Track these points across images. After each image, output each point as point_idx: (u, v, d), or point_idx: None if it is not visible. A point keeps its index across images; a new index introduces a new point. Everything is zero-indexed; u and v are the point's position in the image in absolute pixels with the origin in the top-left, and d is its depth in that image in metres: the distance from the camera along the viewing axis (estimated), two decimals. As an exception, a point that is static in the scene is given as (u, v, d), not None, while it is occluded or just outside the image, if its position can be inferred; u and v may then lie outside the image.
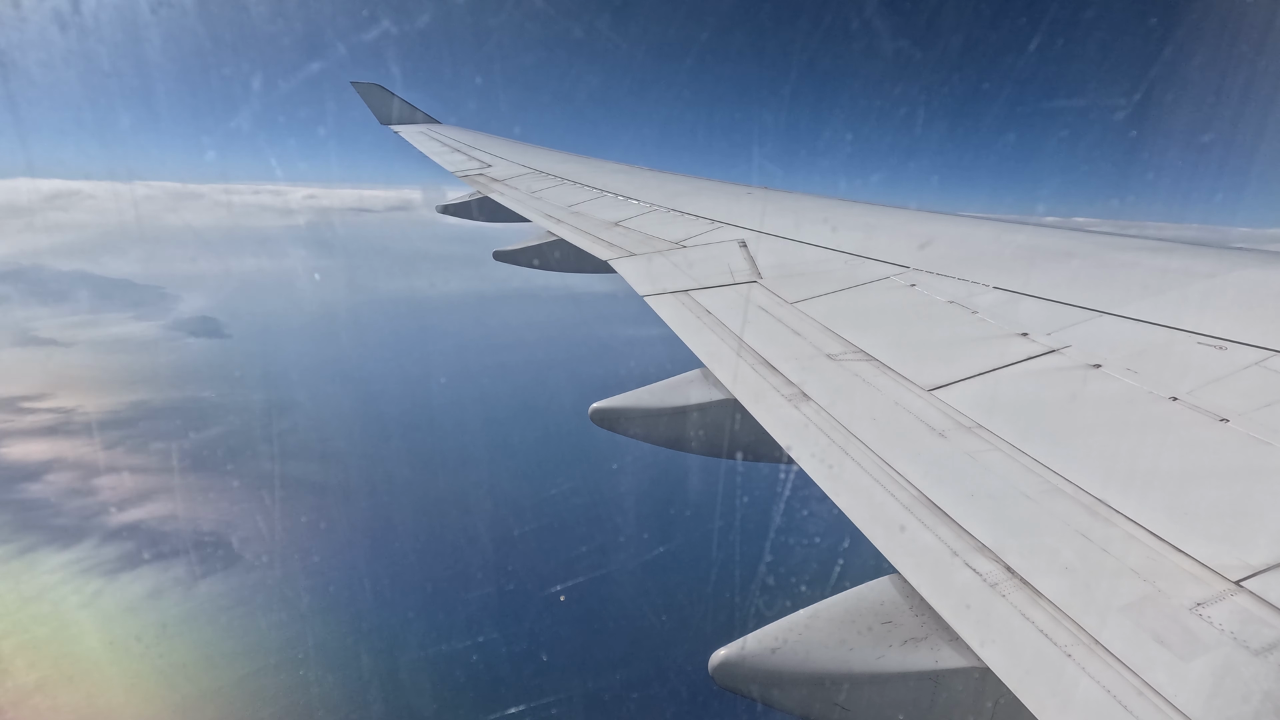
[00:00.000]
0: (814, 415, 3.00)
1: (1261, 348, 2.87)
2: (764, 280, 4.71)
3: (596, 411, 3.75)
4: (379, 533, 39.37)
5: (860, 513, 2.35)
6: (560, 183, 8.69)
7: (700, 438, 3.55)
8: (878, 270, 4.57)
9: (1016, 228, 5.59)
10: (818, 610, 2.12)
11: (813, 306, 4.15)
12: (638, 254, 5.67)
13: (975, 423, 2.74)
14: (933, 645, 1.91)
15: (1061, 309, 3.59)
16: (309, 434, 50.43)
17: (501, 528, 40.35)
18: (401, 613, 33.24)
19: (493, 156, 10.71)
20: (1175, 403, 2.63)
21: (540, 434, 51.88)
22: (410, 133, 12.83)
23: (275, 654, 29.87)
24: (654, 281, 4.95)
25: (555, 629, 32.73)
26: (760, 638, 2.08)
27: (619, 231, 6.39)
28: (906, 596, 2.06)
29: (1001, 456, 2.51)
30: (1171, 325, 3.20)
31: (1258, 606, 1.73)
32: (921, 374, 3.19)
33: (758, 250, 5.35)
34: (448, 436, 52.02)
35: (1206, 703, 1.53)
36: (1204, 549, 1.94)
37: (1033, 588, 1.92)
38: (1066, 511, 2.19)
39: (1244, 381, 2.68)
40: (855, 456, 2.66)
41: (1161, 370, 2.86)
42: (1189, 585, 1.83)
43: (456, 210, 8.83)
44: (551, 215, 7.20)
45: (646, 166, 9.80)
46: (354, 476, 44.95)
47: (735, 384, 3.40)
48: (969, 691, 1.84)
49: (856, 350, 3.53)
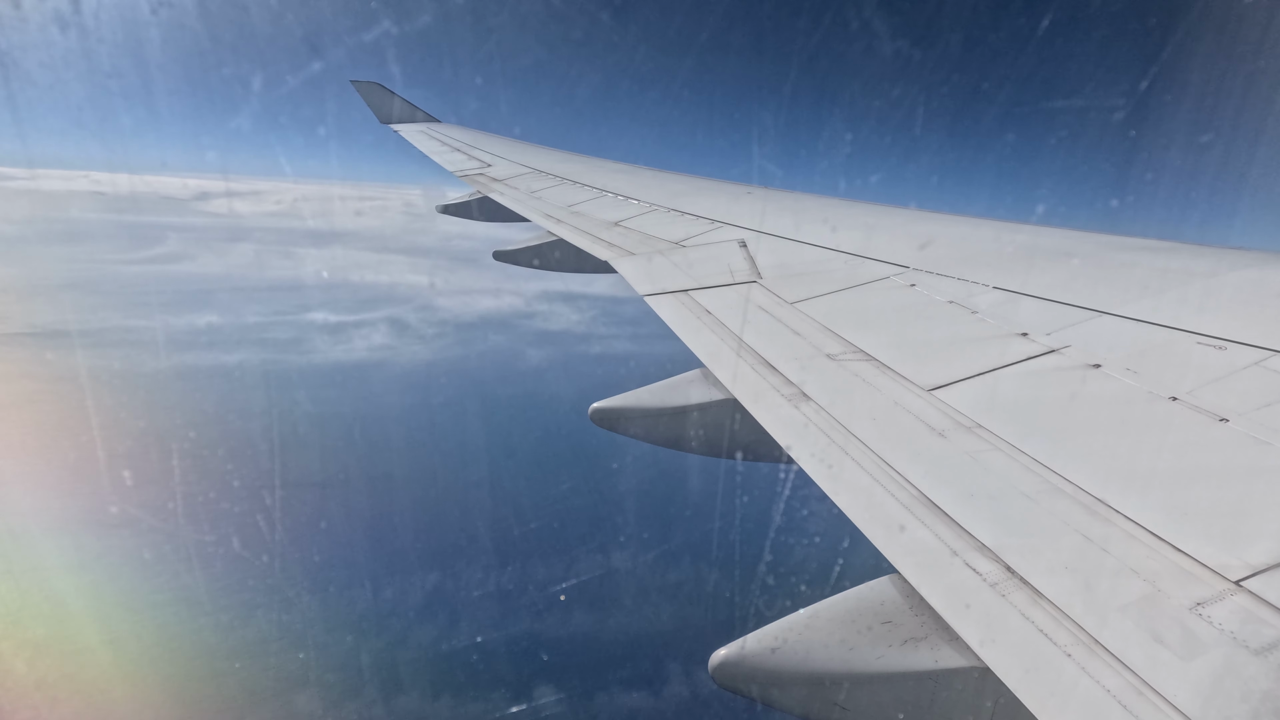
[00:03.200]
0: (814, 415, 3.00)
1: (1261, 348, 2.87)
2: (764, 280, 4.71)
3: (596, 411, 3.75)
4: (378, 532, 39.38)
5: (860, 512, 2.35)
6: (560, 182, 8.69)
7: (700, 438, 3.55)
8: (878, 270, 4.57)
9: (1016, 228, 5.59)
10: (818, 610, 2.12)
11: (813, 306, 4.15)
12: (638, 254, 5.67)
13: (975, 422, 2.74)
14: (933, 645, 1.91)
15: (1061, 309, 3.59)
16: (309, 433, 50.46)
17: (501, 527, 40.37)
18: (400, 612, 33.25)
19: (493, 156, 10.70)
20: (1175, 403, 2.63)
21: (540, 434, 51.91)
22: (410, 132, 12.82)
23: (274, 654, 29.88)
24: (654, 281, 4.95)
25: (555, 628, 32.75)
26: (760, 637, 2.08)
27: (619, 231, 6.38)
28: (906, 596, 2.06)
29: (1001, 456, 2.51)
30: (1171, 325, 3.21)
31: (1258, 606, 1.73)
32: (921, 374, 3.19)
33: (758, 250, 5.35)
34: (447, 436, 52.06)
35: (1206, 702, 1.53)
36: (1204, 549, 1.94)
37: (1032, 587, 1.92)
38: (1066, 511, 2.19)
39: (1244, 381, 2.68)
40: (855, 456, 2.66)
41: (1161, 370, 2.87)
42: (1189, 585, 1.83)
43: (456, 210, 8.82)
44: (551, 215, 7.19)
45: (647, 166, 9.80)
46: (352, 476, 44.95)
47: (735, 384, 3.40)
48: (969, 691, 1.84)
49: (856, 350, 3.53)
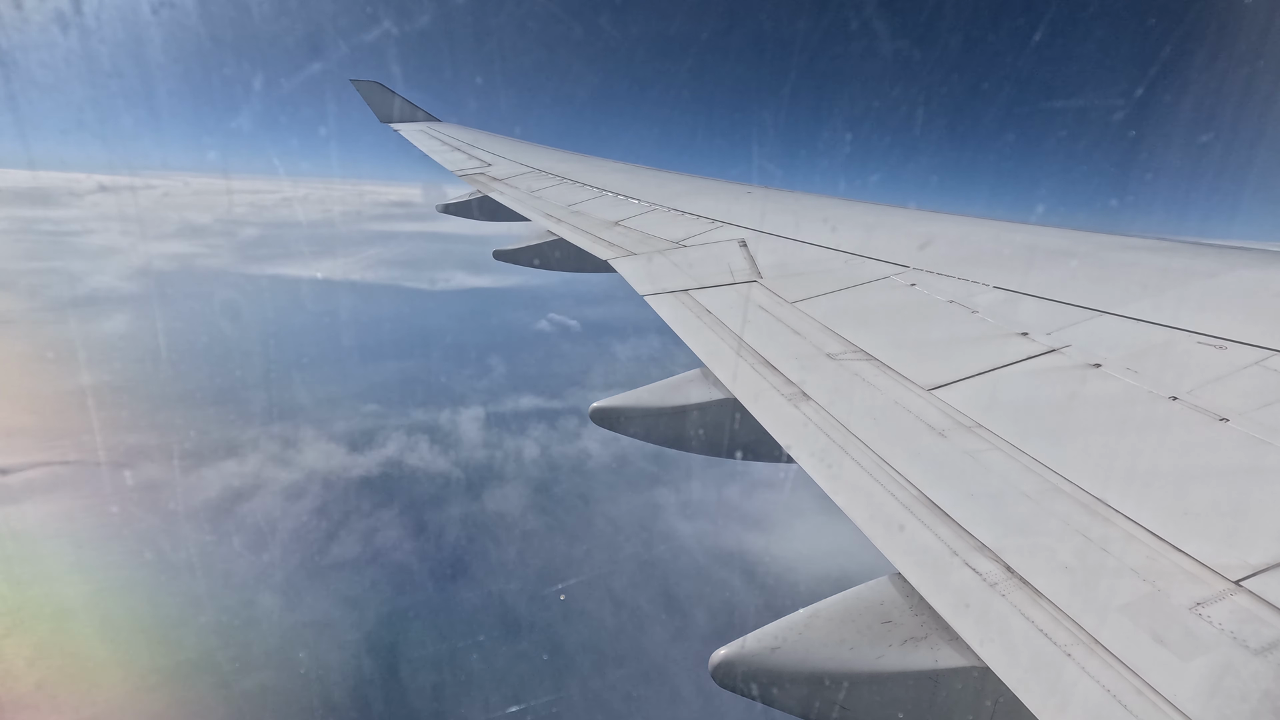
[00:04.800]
0: (814, 414, 3.00)
1: (1261, 347, 2.87)
2: (764, 280, 4.71)
3: (596, 411, 3.75)
4: (376, 531, 39.38)
5: (860, 512, 2.35)
6: (560, 182, 8.68)
7: (700, 437, 3.55)
8: (878, 270, 4.57)
9: (1016, 227, 5.59)
10: (818, 610, 2.12)
11: (813, 306, 4.15)
12: (638, 253, 5.67)
13: (975, 422, 2.74)
14: (932, 645, 1.91)
15: (1061, 308, 3.59)
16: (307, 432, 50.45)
17: (500, 527, 40.39)
18: (399, 612, 33.25)
19: (493, 155, 10.70)
20: (1175, 402, 2.63)
21: (540, 433, 51.91)
22: (410, 131, 12.81)
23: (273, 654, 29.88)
24: (654, 281, 4.95)
25: (554, 628, 32.76)
26: (760, 637, 2.08)
27: (619, 231, 6.38)
28: (906, 596, 2.06)
29: (1001, 456, 2.51)
30: (1171, 325, 3.21)
31: (1257, 606, 1.73)
32: (921, 373, 3.19)
33: (758, 250, 5.35)
34: (446, 435, 52.07)
35: (1206, 702, 1.53)
36: (1204, 548, 1.94)
37: (1032, 587, 1.92)
38: (1066, 511, 2.19)
39: (1244, 381, 2.68)
40: (855, 456, 2.66)
41: (1161, 370, 2.87)
42: (1189, 585, 1.83)
43: (457, 209, 8.81)
44: (551, 214, 7.19)
45: (647, 166, 9.80)
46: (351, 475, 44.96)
47: (735, 383, 3.40)
48: (969, 691, 1.84)
49: (856, 350, 3.53)
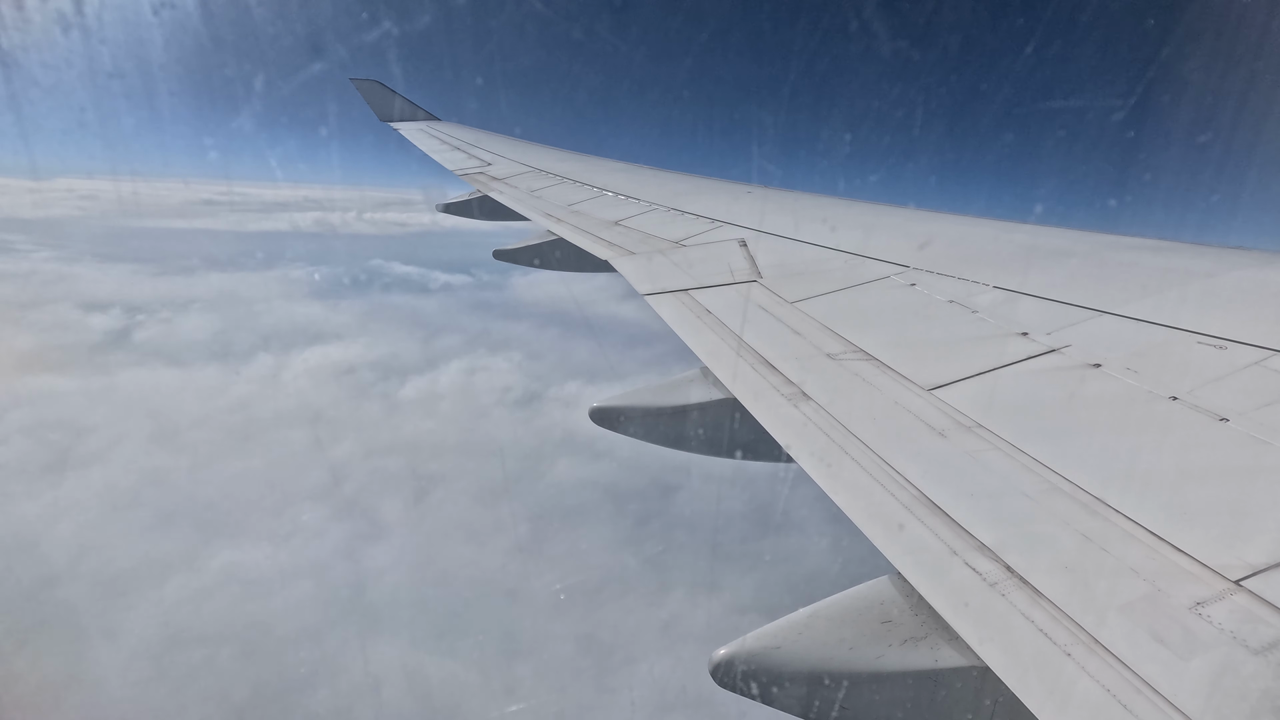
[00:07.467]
0: (813, 414, 3.00)
1: (1261, 347, 2.87)
2: (764, 279, 4.71)
3: (596, 411, 3.75)
4: (376, 530, 39.38)
5: (859, 512, 2.35)
6: (560, 181, 8.68)
7: (700, 437, 3.55)
8: (877, 269, 4.57)
9: (1016, 227, 5.59)
10: (817, 610, 2.12)
11: (813, 306, 4.15)
12: (638, 253, 5.67)
13: (975, 422, 2.74)
14: (932, 644, 1.91)
15: (1061, 308, 3.59)
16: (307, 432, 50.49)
17: (499, 527, 40.38)
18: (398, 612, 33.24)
19: (493, 155, 10.69)
20: (1175, 402, 2.63)
21: (539, 433, 51.91)
22: (410, 130, 12.81)
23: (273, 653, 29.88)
24: (654, 281, 4.95)
25: (554, 628, 32.75)
26: (760, 637, 2.08)
27: (619, 230, 6.38)
28: (906, 595, 2.06)
29: (1001, 456, 2.51)
30: (1171, 325, 3.21)
31: (1257, 606, 1.73)
32: (921, 373, 3.19)
33: (758, 249, 5.34)
34: (445, 435, 52.09)
35: (1206, 702, 1.53)
36: (1204, 548, 1.94)
37: (1032, 587, 1.92)
38: (1066, 511, 2.19)
39: (1244, 381, 2.68)
40: (854, 455, 2.66)
41: (1161, 370, 2.87)
42: (1188, 584, 1.83)
43: (457, 209, 8.81)
44: (551, 214, 7.19)
45: (647, 165, 9.79)
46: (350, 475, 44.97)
47: (735, 383, 3.40)
48: (968, 690, 1.84)
49: (856, 349, 3.53)
